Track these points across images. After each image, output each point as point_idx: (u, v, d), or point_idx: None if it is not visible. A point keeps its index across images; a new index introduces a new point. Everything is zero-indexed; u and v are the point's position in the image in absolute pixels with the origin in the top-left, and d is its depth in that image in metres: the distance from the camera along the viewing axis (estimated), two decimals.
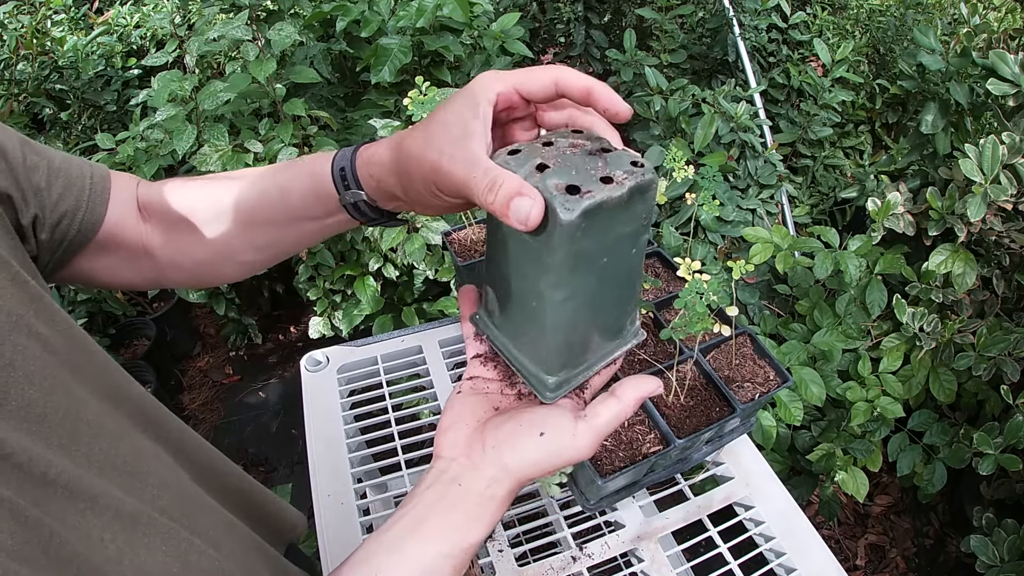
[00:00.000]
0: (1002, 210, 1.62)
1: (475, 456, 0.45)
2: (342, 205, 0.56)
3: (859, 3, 2.82)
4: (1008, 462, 1.44)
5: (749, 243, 1.74)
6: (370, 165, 0.53)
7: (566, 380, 0.47)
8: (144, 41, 2.63)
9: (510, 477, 0.44)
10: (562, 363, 0.46)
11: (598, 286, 0.43)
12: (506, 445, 0.45)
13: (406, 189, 0.49)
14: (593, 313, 0.45)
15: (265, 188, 0.59)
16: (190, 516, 0.48)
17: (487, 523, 0.45)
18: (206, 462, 0.58)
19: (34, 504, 0.35)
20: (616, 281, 0.45)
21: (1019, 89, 1.64)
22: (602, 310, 0.46)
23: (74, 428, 0.42)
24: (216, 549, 0.48)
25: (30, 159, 0.52)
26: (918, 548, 1.88)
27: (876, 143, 2.62)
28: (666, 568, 0.82)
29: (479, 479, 0.44)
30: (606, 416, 0.46)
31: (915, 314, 1.65)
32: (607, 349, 0.49)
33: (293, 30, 1.46)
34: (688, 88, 2.11)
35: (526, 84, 0.45)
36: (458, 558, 0.44)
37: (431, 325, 1.19)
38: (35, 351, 0.42)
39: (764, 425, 1.59)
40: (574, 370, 0.47)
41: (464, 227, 1.09)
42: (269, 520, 0.65)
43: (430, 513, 0.44)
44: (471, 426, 0.47)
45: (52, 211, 0.53)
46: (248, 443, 2.28)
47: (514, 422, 0.46)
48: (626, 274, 0.45)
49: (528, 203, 0.39)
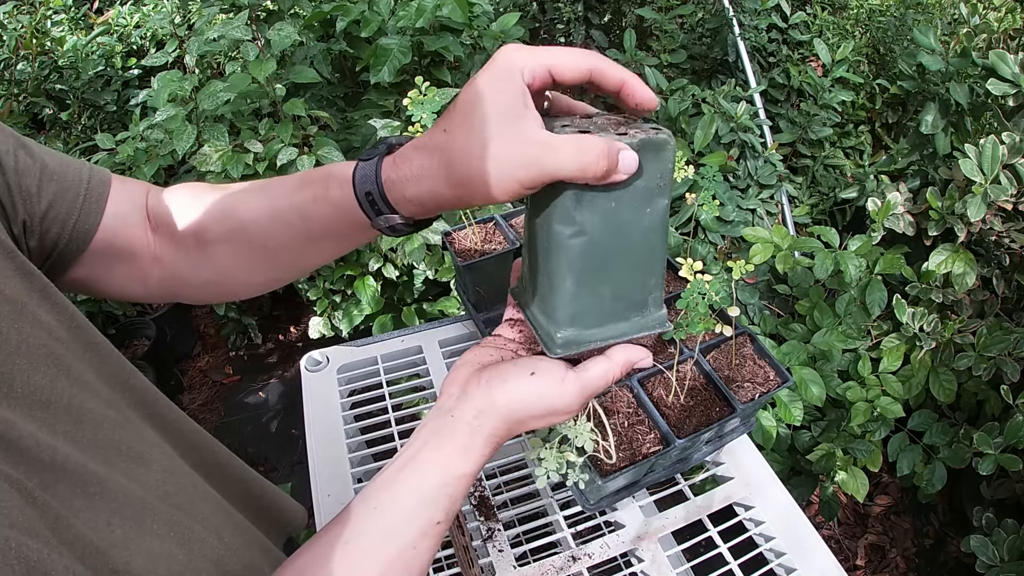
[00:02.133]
0: (1002, 210, 1.62)
1: (470, 390, 0.47)
2: (375, 228, 0.52)
3: (859, 3, 2.82)
4: (1008, 462, 1.44)
5: (749, 243, 1.74)
6: (406, 185, 0.47)
7: (575, 339, 0.47)
8: (144, 41, 2.63)
9: (497, 410, 0.46)
10: (571, 316, 0.47)
11: (605, 230, 0.44)
12: (496, 379, 0.46)
13: (460, 195, 0.46)
14: (603, 264, 0.45)
15: (280, 212, 0.55)
16: (193, 504, 0.49)
17: (478, 456, 0.46)
18: (206, 451, 0.58)
19: (41, 487, 0.36)
20: (627, 237, 0.45)
21: (1019, 89, 1.64)
22: (614, 267, 0.46)
23: (79, 415, 0.42)
24: (218, 538, 0.48)
25: (23, 162, 0.50)
26: (918, 548, 1.88)
27: (876, 143, 2.62)
28: (666, 568, 0.82)
29: (468, 409, 0.46)
30: (594, 371, 0.47)
31: (915, 314, 1.65)
32: (625, 325, 0.49)
33: (293, 30, 1.46)
34: (688, 88, 2.12)
35: (561, 68, 0.43)
36: (452, 487, 0.45)
37: (431, 325, 1.19)
38: (41, 338, 0.42)
39: (764, 425, 1.59)
40: (585, 331, 0.47)
41: (464, 227, 1.09)
42: (268, 512, 0.65)
43: (424, 447, 0.46)
44: (474, 368, 0.49)
45: (42, 218, 0.51)
46: (248, 443, 2.28)
47: (510, 363, 0.48)
48: (640, 235, 0.45)
49: (628, 153, 0.41)
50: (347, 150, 1.63)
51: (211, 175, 1.59)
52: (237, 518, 0.55)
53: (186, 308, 2.65)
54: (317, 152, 1.52)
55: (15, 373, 0.39)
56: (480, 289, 1.09)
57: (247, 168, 1.54)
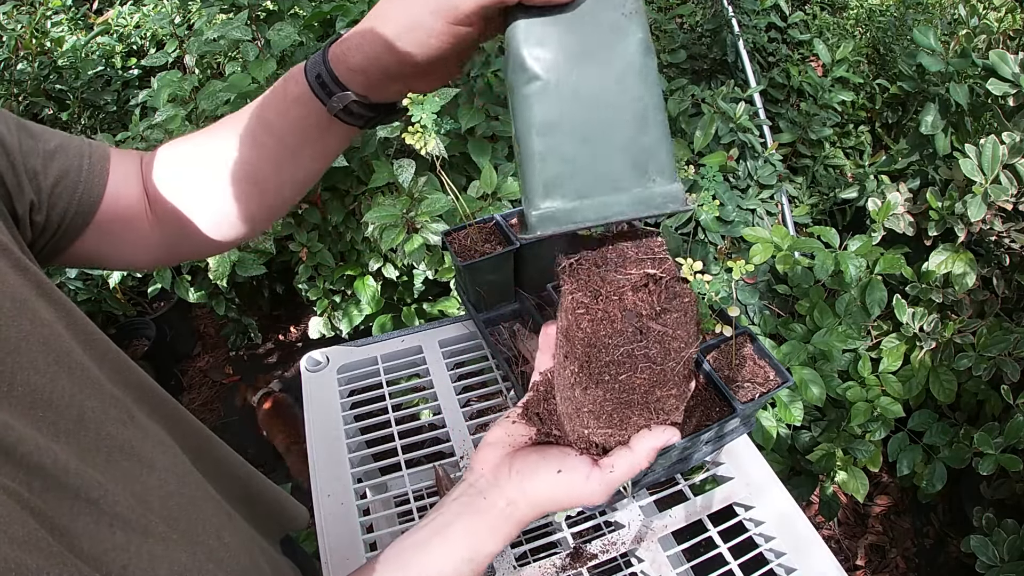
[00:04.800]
0: (1002, 210, 1.62)
1: (501, 477, 0.49)
2: (333, 116, 0.54)
3: (859, 3, 2.82)
4: (1008, 462, 1.44)
5: (749, 243, 1.74)
6: (349, 55, 0.50)
7: (555, 215, 0.40)
8: (144, 41, 2.62)
9: (527, 502, 0.48)
10: (545, 184, 0.40)
11: (569, 73, 0.38)
12: (526, 472, 0.49)
13: (401, 54, 0.47)
14: (576, 117, 0.39)
15: (254, 136, 0.58)
16: (195, 505, 0.49)
17: (503, 537, 0.49)
18: (207, 448, 0.59)
19: (41, 494, 0.36)
20: (601, 82, 0.39)
21: (1019, 89, 1.64)
22: (592, 120, 0.39)
23: (80, 414, 0.42)
24: (218, 539, 0.48)
25: (26, 144, 0.52)
26: (918, 548, 1.88)
27: (876, 143, 2.62)
28: (666, 568, 0.82)
29: (501, 497, 0.48)
30: (620, 468, 0.47)
31: (915, 314, 1.65)
32: (623, 199, 0.40)
33: (293, 30, 1.46)
34: (688, 88, 2.11)
35: None
36: (477, 563, 0.48)
37: (431, 325, 1.19)
38: (40, 336, 0.42)
39: (764, 425, 1.59)
40: (567, 203, 0.40)
41: (464, 227, 1.09)
42: (269, 512, 0.66)
43: (456, 519, 0.48)
44: (506, 450, 0.51)
45: (49, 194, 0.53)
46: (248, 443, 2.28)
47: (539, 455, 0.50)
48: (616, 78, 0.39)
49: None
50: (347, 150, 1.63)
51: None
52: (237, 519, 0.55)
53: (186, 308, 2.65)
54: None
55: (15, 372, 0.39)
56: (480, 289, 1.09)
57: None
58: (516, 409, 0.54)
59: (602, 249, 0.43)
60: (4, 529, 0.31)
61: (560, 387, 0.48)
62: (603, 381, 0.43)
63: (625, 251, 0.42)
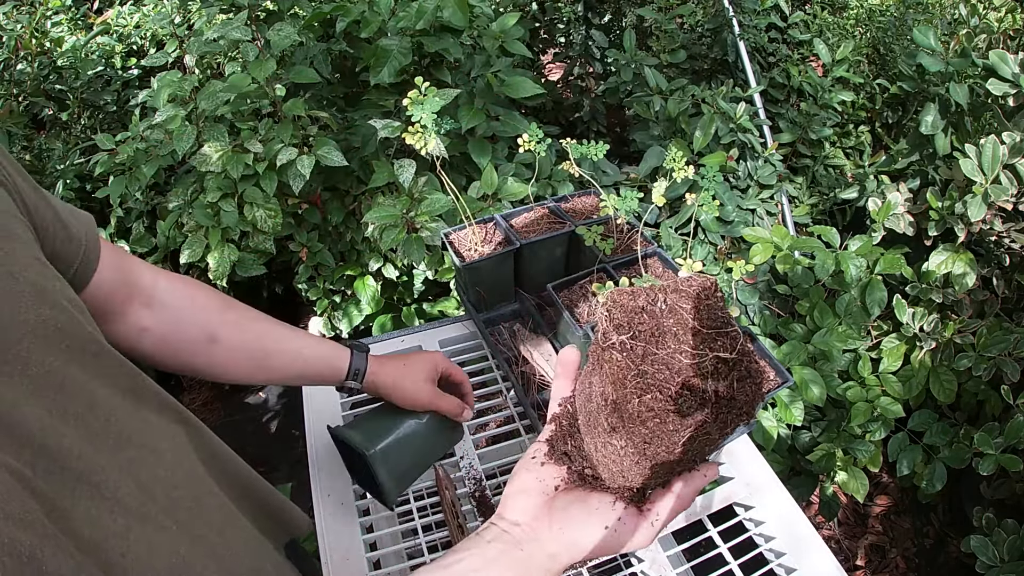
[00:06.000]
0: (1002, 210, 1.62)
1: (540, 530, 0.47)
2: (337, 389, 0.82)
3: (859, 3, 2.82)
4: (1008, 462, 1.44)
5: (749, 243, 1.74)
6: (374, 377, 0.81)
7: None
8: (144, 41, 2.62)
9: (570, 555, 0.46)
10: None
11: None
12: (571, 529, 0.46)
13: (392, 395, 0.82)
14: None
15: (292, 356, 0.80)
16: (199, 499, 0.49)
17: None
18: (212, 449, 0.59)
19: (44, 475, 0.36)
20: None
21: (1019, 89, 1.64)
22: None
23: (91, 400, 0.43)
24: (219, 535, 0.49)
25: (41, 205, 0.52)
26: (918, 548, 1.88)
27: (876, 143, 2.62)
28: (666, 568, 0.82)
29: (541, 551, 0.46)
30: (664, 513, 0.46)
31: (915, 314, 1.65)
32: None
33: (293, 30, 1.46)
34: (688, 88, 2.12)
35: (448, 372, 0.87)
36: None
37: (431, 325, 1.19)
38: (60, 322, 0.43)
39: (764, 425, 1.59)
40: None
41: (464, 227, 1.09)
42: (272, 515, 0.66)
43: (490, 565, 0.45)
44: (540, 498, 0.48)
45: (50, 258, 0.52)
46: (248, 443, 2.28)
47: (580, 506, 0.47)
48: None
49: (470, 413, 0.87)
50: (347, 150, 1.63)
51: (211, 175, 1.59)
52: (243, 520, 0.55)
53: None
54: (317, 152, 1.52)
55: (31, 352, 0.39)
56: (480, 289, 1.09)
57: (247, 168, 1.54)
58: (540, 446, 0.51)
59: (655, 312, 0.41)
60: (1, 506, 0.31)
61: (597, 443, 0.45)
62: (656, 455, 0.42)
63: (684, 316, 0.41)
